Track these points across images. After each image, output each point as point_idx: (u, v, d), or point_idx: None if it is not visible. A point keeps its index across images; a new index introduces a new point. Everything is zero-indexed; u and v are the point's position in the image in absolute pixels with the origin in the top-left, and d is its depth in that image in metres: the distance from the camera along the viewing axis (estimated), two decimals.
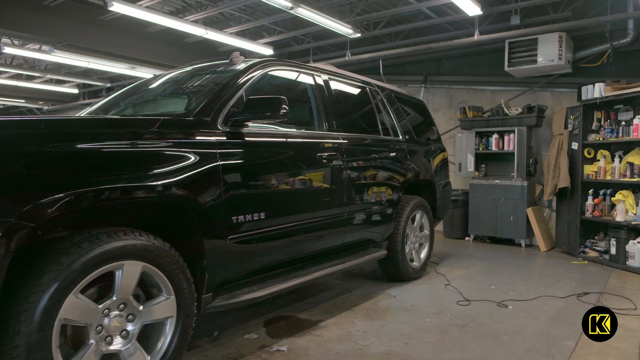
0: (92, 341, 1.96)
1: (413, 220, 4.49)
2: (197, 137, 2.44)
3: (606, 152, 5.58)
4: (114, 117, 2.54)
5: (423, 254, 4.71)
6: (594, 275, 4.83)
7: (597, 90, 5.45)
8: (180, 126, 2.43)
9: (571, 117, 5.87)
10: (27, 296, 1.75)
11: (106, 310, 2.02)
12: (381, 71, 7.73)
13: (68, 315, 1.86)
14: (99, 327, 2.00)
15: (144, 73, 8.71)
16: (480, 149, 6.84)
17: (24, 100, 12.97)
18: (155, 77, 3.76)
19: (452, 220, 7.03)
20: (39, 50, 7.32)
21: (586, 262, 5.48)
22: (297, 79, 3.47)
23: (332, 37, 7.12)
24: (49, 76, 9.49)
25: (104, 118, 2.47)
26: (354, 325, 3.26)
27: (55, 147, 1.89)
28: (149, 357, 2.17)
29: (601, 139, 5.57)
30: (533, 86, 6.80)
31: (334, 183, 3.35)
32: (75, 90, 11.36)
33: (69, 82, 10.66)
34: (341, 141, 3.52)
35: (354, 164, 3.60)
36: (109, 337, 2.04)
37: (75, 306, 1.88)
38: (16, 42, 7.31)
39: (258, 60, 3.16)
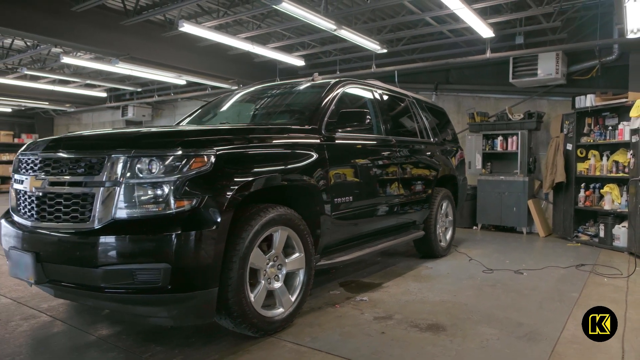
0: (262, 281, 2.88)
1: (441, 207, 5.45)
2: (313, 140, 3.37)
3: (596, 152, 6.63)
4: (263, 126, 3.40)
5: (448, 236, 5.69)
6: (586, 254, 5.85)
7: (588, 100, 6.50)
8: (302, 132, 3.35)
9: (566, 122, 6.92)
10: (235, 246, 2.65)
11: (267, 260, 2.93)
12: (396, 80, 8.70)
13: (253, 260, 2.77)
14: (264, 272, 2.91)
15: (177, 80, 9.55)
16: (487, 149, 7.84)
17: (47, 102, 13.65)
18: (236, 92, 4.67)
19: (461, 212, 7.99)
20: (74, 57, 8.09)
21: (579, 244, 6.51)
22: (362, 94, 4.41)
23: (358, 51, 8.06)
24: (88, 81, 10.27)
25: (257, 127, 3.34)
26: (409, 285, 4.22)
27: (247, 147, 2.81)
28: (290, 295, 3.09)
29: (591, 141, 6.62)
30: (532, 95, 7.84)
31: (392, 175, 4.31)
32: (104, 94, 12.13)
33: (99, 86, 11.42)
34: (394, 142, 4.48)
35: (404, 161, 4.57)
36: (269, 279, 2.95)
37: (256, 255, 2.79)
38: (66, 49, 8.09)
39: (338, 80, 4.09)
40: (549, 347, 2.80)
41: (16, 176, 3.01)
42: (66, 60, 7.77)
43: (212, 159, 2.56)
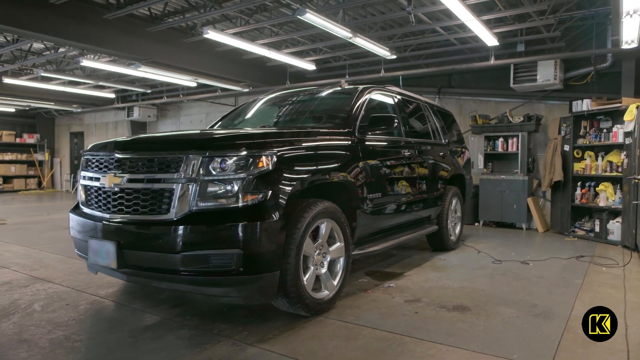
0: (311, 267, 3.25)
1: (451, 204, 5.87)
2: (349, 142, 3.76)
3: (591, 153, 7.11)
4: (309, 130, 3.75)
5: (457, 230, 6.12)
6: (584, 247, 6.32)
7: (584, 105, 6.98)
8: (341, 135, 3.74)
9: (564, 125, 7.39)
10: (292, 235, 3.02)
11: (316, 249, 3.31)
12: (400, 83, 9.13)
13: (305, 248, 3.14)
14: (313, 259, 3.28)
15: (190, 82, 9.87)
16: (488, 150, 8.29)
17: (54, 103, 13.85)
18: (263, 98, 5.02)
19: (464, 209, 8.45)
20: (92, 60, 8.38)
21: (576, 239, 6.98)
22: (385, 99, 4.80)
23: (367, 56, 8.47)
24: (100, 83, 10.54)
25: (305, 130, 3.68)
26: (428, 274, 4.62)
27: (299, 148, 3.19)
28: (332, 279, 3.47)
29: (587, 142, 7.10)
30: (531, 99, 8.31)
31: (413, 174, 4.72)
32: (112, 95, 12.38)
33: (109, 87, 11.67)
34: (414, 144, 4.88)
35: (422, 161, 4.98)
36: (316, 266, 3.33)
37: (307, 243, 3.17)
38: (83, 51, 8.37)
39: (365, 86, 4.48)
40: (563, 323, 3.22)
41: (86, 174, 3.35)
42: (85, 63, 8.05)
43: (274, 159, 2.93)
